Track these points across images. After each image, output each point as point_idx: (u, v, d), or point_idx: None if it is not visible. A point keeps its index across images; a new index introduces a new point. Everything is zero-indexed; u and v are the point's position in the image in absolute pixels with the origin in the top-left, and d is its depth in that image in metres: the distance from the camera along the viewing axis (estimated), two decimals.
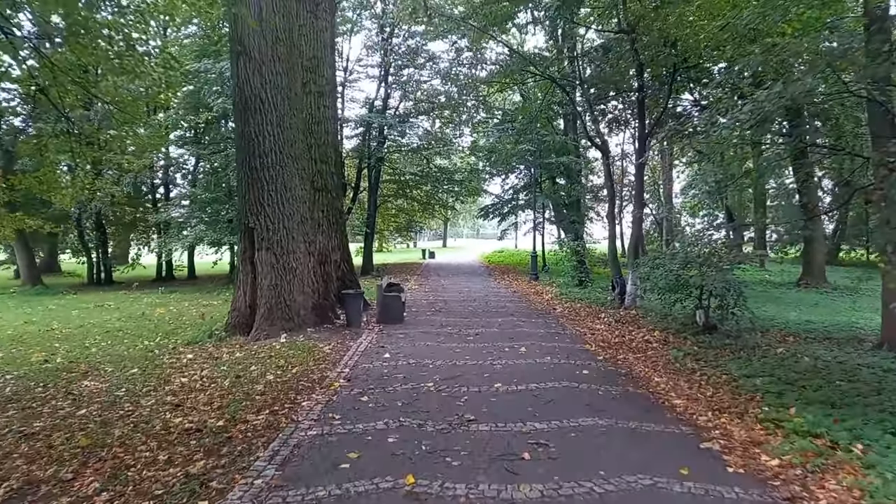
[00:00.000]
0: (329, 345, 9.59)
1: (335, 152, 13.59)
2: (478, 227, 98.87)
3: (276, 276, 10.51)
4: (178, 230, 22.42)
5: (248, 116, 10.47)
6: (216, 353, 9.33)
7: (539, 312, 13.51)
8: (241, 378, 7.61)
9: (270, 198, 10.51)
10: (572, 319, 12.38)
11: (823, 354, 9.04)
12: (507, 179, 32.57)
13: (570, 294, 16.95)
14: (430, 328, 11.10)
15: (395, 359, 8.42)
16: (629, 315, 12.81)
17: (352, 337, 10.31)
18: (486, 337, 10.15)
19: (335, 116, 13.87)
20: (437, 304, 15.11)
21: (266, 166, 10.48)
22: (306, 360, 8.43)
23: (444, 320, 12.13)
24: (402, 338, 10.13)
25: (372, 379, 7.29)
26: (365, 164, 28.39)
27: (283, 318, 10.49)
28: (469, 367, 7.82)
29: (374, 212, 29.05)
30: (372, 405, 6.17)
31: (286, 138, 10.71)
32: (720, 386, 6.74)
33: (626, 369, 7.77)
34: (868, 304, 18.53)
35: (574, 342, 9.71)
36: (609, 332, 10.69)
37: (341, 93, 28.06)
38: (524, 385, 6.84)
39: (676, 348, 8.88)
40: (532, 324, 11.69)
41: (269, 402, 6.40)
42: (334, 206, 13.22)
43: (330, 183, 13.14)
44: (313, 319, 11.05)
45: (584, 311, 13.58)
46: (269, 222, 10.49)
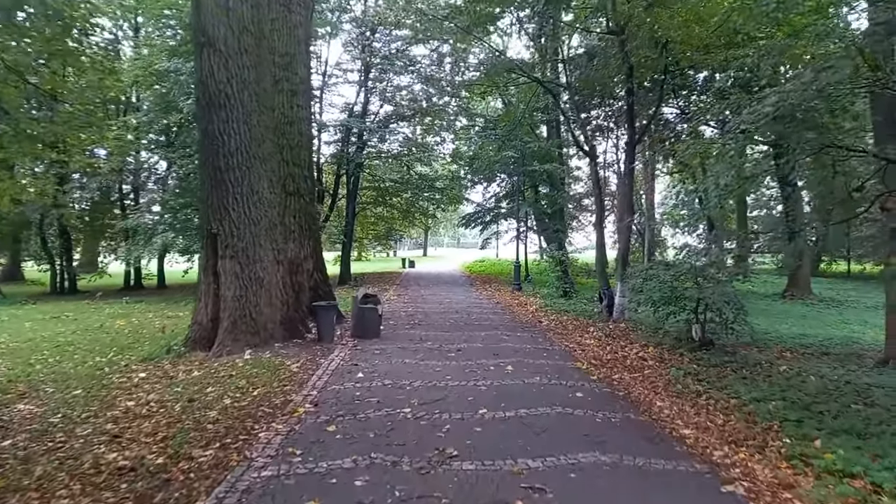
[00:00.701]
0: (297, 362, 8.76)
1: (309, 155, 12.80)
2: (458, 237, 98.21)
3: (241, 287, 9.66)
4: (147, 237, 21.37)
5: (213, 113, 9.64)
6: (172, 372, 8.46)
7: (524, 325, 12.79)
8: (194, 402, 6.76)
9: (236, 201, 9.68)
10: (560, 333, 11.68)
11: (829, 373, 8.46)
12: (490, 188, 31.99)
13: (556, 305, 16.28)
14: (408, 343, 10.31)
15: (369, 379, 7.62)
16: (619, 329, 12.16)
17: (323, 353, 9.49)
18: (469, 353, 9.39)
19: (309, 117, 13.09)
20: (417, 316, 14.33)
21: (231, 167, 9.66)
22: (270, 381, 7.59)
23: (423, 334, 11.35)
24: (377, 354, 9.33)
25: (342, 403, 6.48)
26: (343, 171, 27.59)
27: (248, 332, 9.64)
28: (451, 389, 7.05)
29: (352, 219, 28.20)
30: (340, 437, 5.37)
31: (254, 137, 9.90)
32: (730, 412, 6.06)
33: (623, 391, 7.06)
34: (855, 317, 18.16)
35: (564, 359, 8.99)
36: (600, 348, 10.01)
37: (320, 97, 27.32)
38: (513, 411, 6.09)
39: (676, 367, 8.21)
40: (517, 338, 10.96)
41: (220, 433, 5.56)
42: (307, 212, 12.41)
43: (303, 187, 12.34)
44: (282, 334, 10.21)
45: (571, 325, 12.89)
46: (233, 228, 9.65)
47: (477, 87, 21.55)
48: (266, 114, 10.27)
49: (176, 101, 20.10)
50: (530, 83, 22.10)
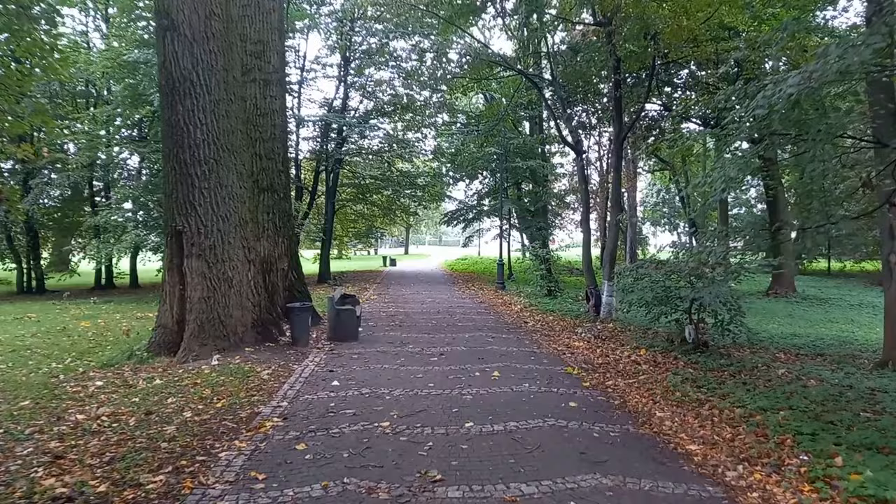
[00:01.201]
0: (269, 369, 8.16)
1: (284, 148, 12.17)
2: (440, 235, 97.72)
3: (209, 288, 9.02)
4: (117, 234, 20.53)
5: (177, 101, 8.98)
6: (132, 380, 7.80)
7: (509, 326, 12.29)
8: (151, 415, 6.14)
9: (202, 196, 9.03)
10: (547, 335, 11.20)
11: (829, 376, 8.07)
12: (472, 185, 31.51)
13: (541, 305, 15.81)
14: (388, 347, 9.75)
15: (346, 387, 7.05)
16: (608, 329, 11.71)
17: (297, 358, 8.89)
18: (452, 357, 8.86)
19: (284, 108, 12.45)
20: (398, 316, 13.76)
21: (197, 160, 9.00)
22: (238, 390, 6.99)
23: (404, 336, 10.79)
24: (355, 359, 8.76)
25: (314, 416, 5.90)
26: (322, 167, 26.90)
27: (216, 336, 9.01)
28: (433, 399, 6.51)
29: (331, 217, 27.52)
30: (310, 457, 4.80)
31: (222, 128, 9.25)
32: (737, 423, 5.59)
33: (618, 399, 6.57)
34: (841, 315, 17.98)
35: (553, 363, 8.50)
36: (590, 351, 9.53)
37: (298, 92, 26.60)
38: (501, 424, 5.57)
39: (672, 372, 7.75)
40: (503, 340, 10.46)
41: (176, 454, 4.96)
42: (281, 208, 11.78)
43: (277, 182, 11.72)
44: (253, 337, 9.58)
45: (557, 325, 12.42)
46: (200, 225, 9.00)
47: (459, 83, 21.02)
48: (236, 103, 9.62)
49: (147, 93, 19.28)
50: (514, 76, 21.67)
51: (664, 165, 44.72)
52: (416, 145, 29.63)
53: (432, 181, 30.76)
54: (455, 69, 20.47)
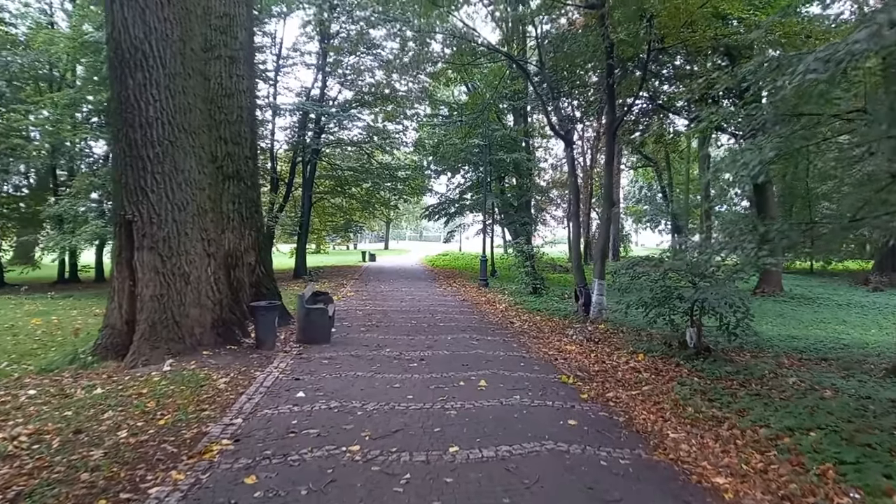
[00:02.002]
0: (226, 376, 7.24)
1: (252, 133, 11.20)
2: (421, 230, 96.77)
3: (162, 285, 8.06)
4: (76, 225, 19.30)
5: (126, 75, 7.98)
6: (70, 388, 6.84)
7: (495, 327, 11.48)
8: (80, 435, 5.22)
9: (156, 182, 8.06)
10: (536, 337, 10.40)
11: (843, 385, 7.39)
12: (454, 179, 30.66)
13: (526, 304, 15.03)
14: (363, 350, 8.87)
15: (312, 400, 6.17)
16: (599, 331, 10.96)
17: (260, 364, 7.98)
18: (434, 363, 8.01)
19: (252, 89, 11.47)
20: (375, 315, 12.88)
21: (150, 141, 8.02)
22: (187, 403, 6.08)
23: (381, 338, 9.92)
24: (325, 365, 7.87)
25: (271, 438, 5.02)
26: (299, 158, 25.84)
27: (169, 338, 8.05)
28: (412, 415, 5.66)
29: (308, 210, 26.46)
30: (260, 494, 3.92)
31: (178, 106, 8.27)
32: (765, 447, 4.82)
33: (623, 415, 5.78)
34: (831, 315, 17.49)
35: (545, 370, 7.69)
36: (584, 356, 8.75)
37: (274, 80, 25.51)
38: (492, 448, 4.74)
39: (678, 382, 6.98)
40: (489, 343, 9.64)
41: (97, 489, 4.06)
42: (248, 198, 10.83)
43: (244, 169, 10.76)
44: (213, 339, 8.64)
45: (546, 326, 11.64)
46: (152, 213, 8.03)
47: (442, 73, 20.15)
48: (194, 79, 8.64)
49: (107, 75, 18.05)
50: (499, 66, 20.85)
51: (647, 162, 44.38)
52: (397, 137, 28.64)
53: (413, 174, 29.81)
54: (438, 56, 19.57)
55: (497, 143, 23.82)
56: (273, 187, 26.28)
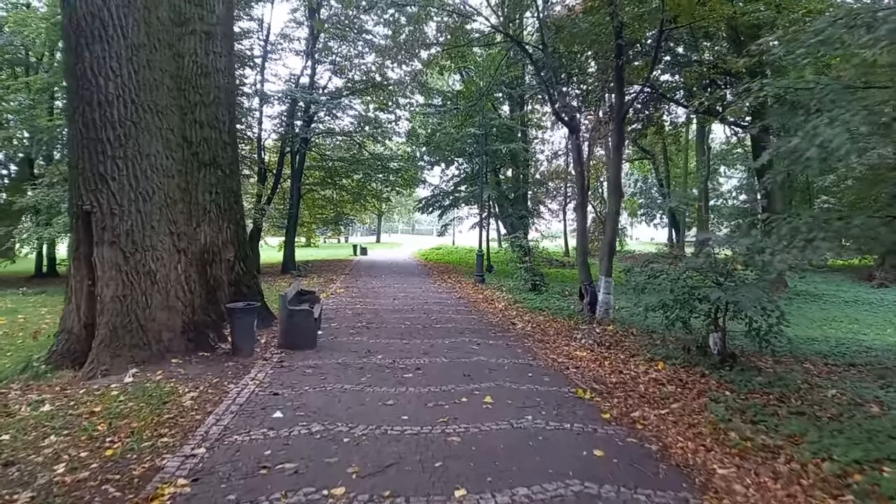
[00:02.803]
0: (195, 390, 6.34)
1: (230, 116, 10.23)
2: (413, 223, 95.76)
3: (125, 284, 7.14)
4: (51, 216, 18.27)
5: (83, 46, 7.02)
6: (15, 404, 5.95)
7: (496, 329, 10.62)
8: (11, 469, 4.34)
9: (116, 168, 7.12)
10: (541, 341, 9.55)
11: (886, 398, 6.61)
12: (448, 170, 29.75)
13: (527, 302, 14.18)
14: (352, 357, 7.98)
15: (291, 422, 5.28)
16: (608, 333, 10.13)
17: (235, 374, 7.08)
18: (431, 373, 7.14)
19: (231, 68, 10.48)
20: (366, 315, 11.98)
21: (110, 121, 7.08)
22: (144, 426, 5.18)
23: (372, 342, 9.03)
24: (309, 375, 6.98)
25: (238, 476, 4.13)
26: (288, 148, 24.82)
27: (133, 344, 7.14)
28: (408, 443, 4.78)
29: (297, 201, 25.45)
30: None
31: (143, 82, 7.33)
32: (836, 489, 3.97)
33: (656, 442, 4.92)
34: (840, 313, 16.79)
35: (556, 382, 6.84)
36: (597, 363, 7.90)
37: (262, 66, 24.46)
38: (507, 492, 3.87)
39: (711, 398, 6.13)
40: (491, 348, 8.77)
41: None
42: (227, 187, 9.87)
43: (222, 155, 9.79)
44: (184, 345, 7.72)
45: (550, 328, 10.78)
46: (113, 204, 7.10)
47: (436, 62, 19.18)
48: (161, 52, 7.69)
49: None
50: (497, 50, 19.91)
51: (644, 154, 43.62)
52: (389, 126, 27.61)
53: (406, 165, 28.81)
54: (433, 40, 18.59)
55: (493, 132, 22.94)
56: (260, 178, 25.29)
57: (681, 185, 45.82)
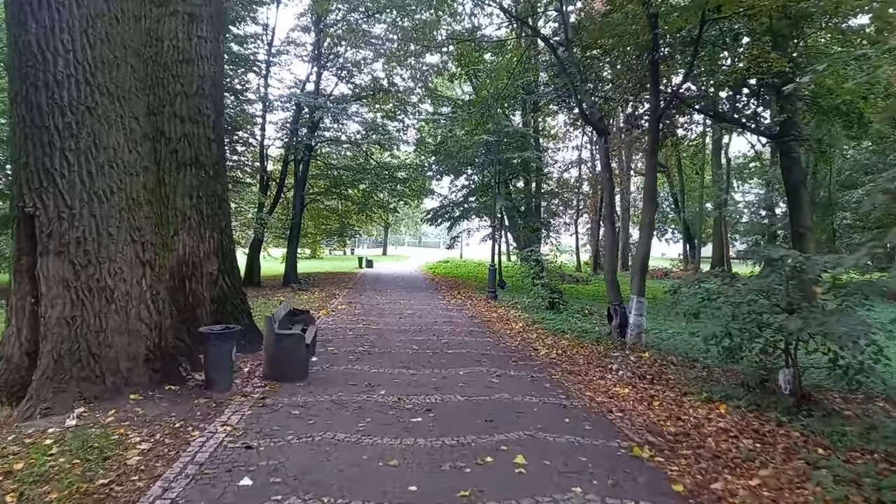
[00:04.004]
0: (150, 439, 5.03)
1: (216, 110, 9.00)
2: (420, 235, 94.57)
3: (74, 303, 5.87)
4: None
5: (28, 15, 5.80)
6: None
7: (516, 356, 9.27)
8: None
9: (66, 163, 5.87)
10: (571, 372, 8.18)
11: None
12: (457, 181, 28.50)
13: (546, 322, 12.82)
14: (349, 392, 6.65)
15: (261, 495, 3.95)
16: (645, 363, 8.79)
17: (205, 415, 5.76)
18: (445, 417, 5.80)
19: (218, 56, 9.26)
20: (368, 336, 10.66)
21: (59, 106, 5.84)
22: (65, 498, 3.88)
23: (374, 372, 7.70)
24: (294, 418, 5.65)
25: None
26: (291, 156, 23.68)
27: (82, 377, 5.85)
28: None
29: (299, 212, 24.23)
30: None
31: (101, 59, 6.09)
32: None
33: None
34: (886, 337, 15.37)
35: (601, 431, 5.48)
36: (645, 404, 6.53)
37: (266, 71, 23.40)
38: None
39: (807, 461, 4.75)
40: (513, 381, 7.43)
41: None
42: (210, 191, 8.63)
43: (205, 154, 8.58)
44: (147, 377, 6.41)
45: (578, 355, 9.43)
46: (61, 206, 5.85)
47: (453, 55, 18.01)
48: (125, 25, 6.44)
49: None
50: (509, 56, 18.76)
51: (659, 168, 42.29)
52: (397, 135, 26.42)
53: (414, 175, 27.56)
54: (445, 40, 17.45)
55: (506, 141, 21.72)
56: (262, 187, 24.15)
57: (695, 199, 44.44)
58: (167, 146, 8.19)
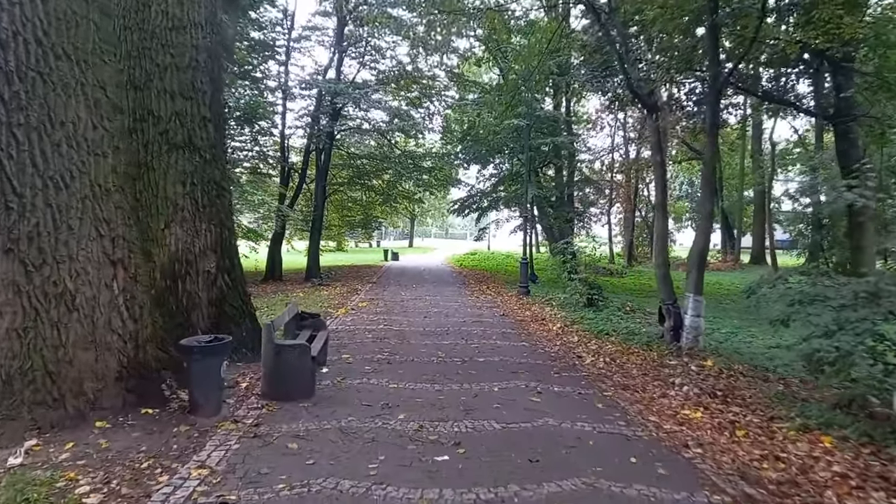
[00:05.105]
0: (104, 487, 3.95)
1: (213, 86, 7.90)
2: (447, 227, 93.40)
3: (26, 312, 4.83)
4: None
5: None
6: None
7: (558, 365, 8.04)
8: None
9: (14, 141, 4.81)
10: (626, 387, 6.90)
11: None
12: (485, 171, 27.25)
13: (586, 322, 11.54)
14: (361, 416, 5.50)
15: None
16: (710, 374, 7.51)
17: (182, 450, 4.66)
18: (476, 456, 4.59)
19: (215, 23, 8.12)
20: (389, 340, 9.54)
21: (2, 71, 4.79)
22: None
23: (393, 389, 6.54)
24: (289, 458, 4.51)
25: None
26: (313, 146, 22.70)
27: (37, 401, 4.82)
28: None
29: (321, 203, 23.24)
30: None
31: (57, 14, 5.00)
32: None
33: None
34: None
35: (680, 478, 4.22)
36: (727, 436, 5.22)
37: (286, 58, 22.45)
38: None
39: None
40: (559, 400, 6.22)
41: None
42: (208, 178, 7.56)
43: (199, 136, 7.51)
44: (120, 399, 5.35)
45: (630, 363, 8.15)
46: (9, 194, 4.79)
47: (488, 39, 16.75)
48: None
49: None
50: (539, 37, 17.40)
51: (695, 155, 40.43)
52: (421, 121, 25.22)
53: (440, 163, 26.35)
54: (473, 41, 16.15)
55: (536, 126, 20.40)
56: (283, 179, 23.25)
57: (734, 187, 42.38)
58: (156, 126, 7.16)
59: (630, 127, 32.23)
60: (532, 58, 17.26)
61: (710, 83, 9.18)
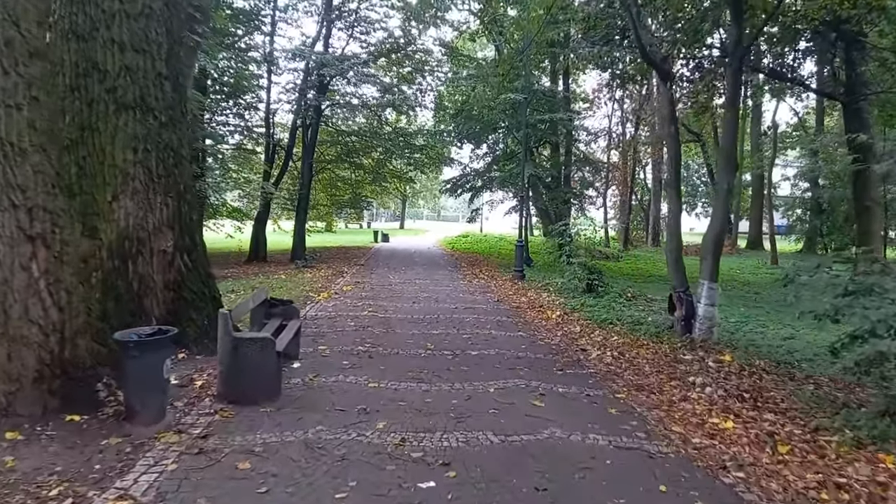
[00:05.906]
0: None
1: (170, 38, 6.88)
2: (439, 209, 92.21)
3: None
4: None
5: None
6: None
7: (561, 359, 7.18)
8: None
9: None
10: (639, 387, 6.04)
11: None
12: (478, 150, 26.25)
13: (587, 310, 10.71)
14: (332, 427, 4.60)
15: None
16: (731, 370, 6.70)
17: (104, 472, 3.74)
18: (470, 483, 3.71)
19: None
20: (373, 328, 8.65)
21: None
22: None
23: (373, 389, 5.65)
24: (237, 485, 3.61)
25: None
26: (299, 121, 21.64)
27: None
28: None
29: (308, 181, 22.20)
30: None
31: None
32: None
33: None
34: None
35: None
36: (768, 453, 4.40)
37: (272, 28, 21.36)
38: None
39: None
40: (564, 404, 5.37)
41: None
42: (163, 143, 6.58)
43: (154, 96, 6.49)
44: (41, 404, 4.44)
45: (641, 357, 7.31)
46: None
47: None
48: None
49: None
50: None
51: (693, 137, 39.51)
52: (413, 97, 24.14)
53: (432, 141, 25.31)
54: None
55: (534, 102, 19.44)
56: (268, 156, 22.22)
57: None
58: (101, 83, 6.11)
59: (627, 108, 31.30)
60: (532, 24, 16.28)
61: (732, 47, 8.23)
